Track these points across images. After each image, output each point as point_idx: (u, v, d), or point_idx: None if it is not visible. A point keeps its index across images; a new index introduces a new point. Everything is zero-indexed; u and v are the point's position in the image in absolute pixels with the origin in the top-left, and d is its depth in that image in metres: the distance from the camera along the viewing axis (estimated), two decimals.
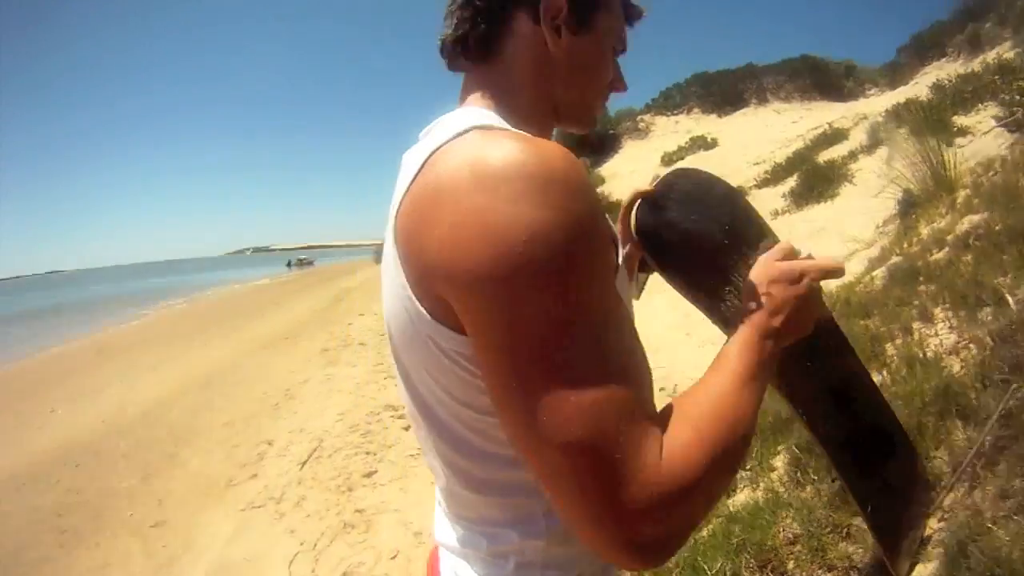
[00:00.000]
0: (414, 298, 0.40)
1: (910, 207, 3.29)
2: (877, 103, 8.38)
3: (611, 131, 13.88)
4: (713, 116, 13.63)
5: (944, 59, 8.48)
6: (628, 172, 11.49)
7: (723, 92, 13.83)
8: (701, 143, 11.45)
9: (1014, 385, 1.15)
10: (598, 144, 13.59)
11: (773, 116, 12.33)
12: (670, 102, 14.70)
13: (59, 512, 3.16)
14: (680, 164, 9.58)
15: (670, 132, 13.47)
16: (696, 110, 14.19)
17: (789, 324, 0.49)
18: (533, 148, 0.37)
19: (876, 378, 1.39)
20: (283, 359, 6.33)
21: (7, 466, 3.96)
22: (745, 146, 9.81)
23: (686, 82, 14.95)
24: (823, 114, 10.59)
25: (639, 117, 14.48)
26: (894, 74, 10.55)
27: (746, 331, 0.48)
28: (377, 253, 14.58)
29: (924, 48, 9.28)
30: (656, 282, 0.74)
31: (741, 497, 1.57)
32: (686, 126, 13.52)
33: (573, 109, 0.52)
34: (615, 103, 13.38)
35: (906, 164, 3.34)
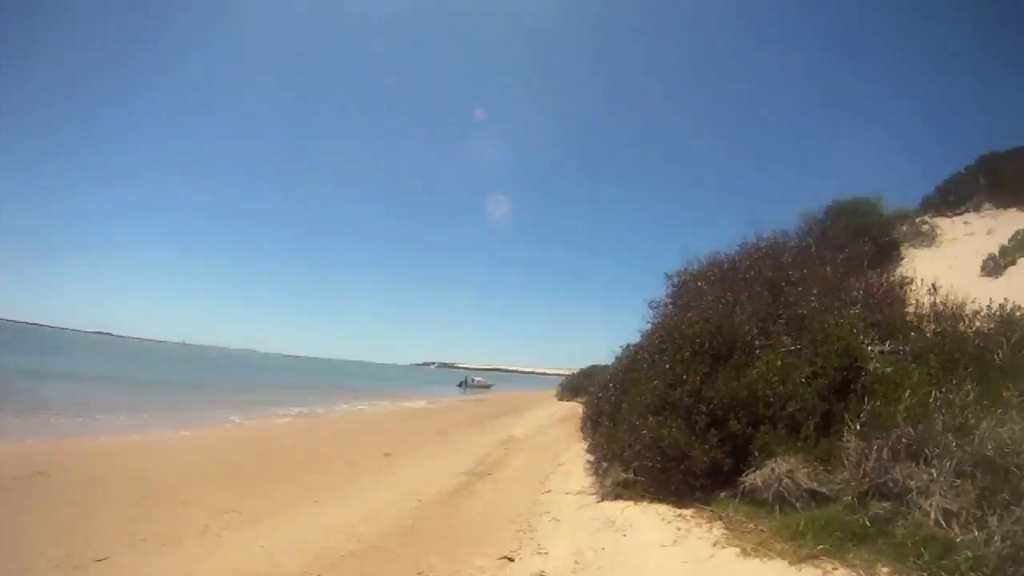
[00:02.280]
0: None
1: None
2: None
3: (884, 239, 17.71)
4: (1013, 210, 17.90)
5: None
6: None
7: (1020, 178, 18.21)
8: None
9: None
10: (876, 251, 17.42)
11: None
12: (951, 198, 19.19)
13: None
14: (1014, 269, 13.47)
15: (961, 235, 17.56)
16: (988, 205, 18.60)
17: None
18: None
19: None
20: None
21: None
22: None
23: (968, 169, 19.61)
24: None
25: (918, 219, 18.60)
26: None
27: None
28: (563, 386, 15.08)
29: None
30: None
31: None
32: (981, 226, 17.69)
33: None
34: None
35: None
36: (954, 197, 19.15)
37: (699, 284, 11.59)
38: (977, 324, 8.07)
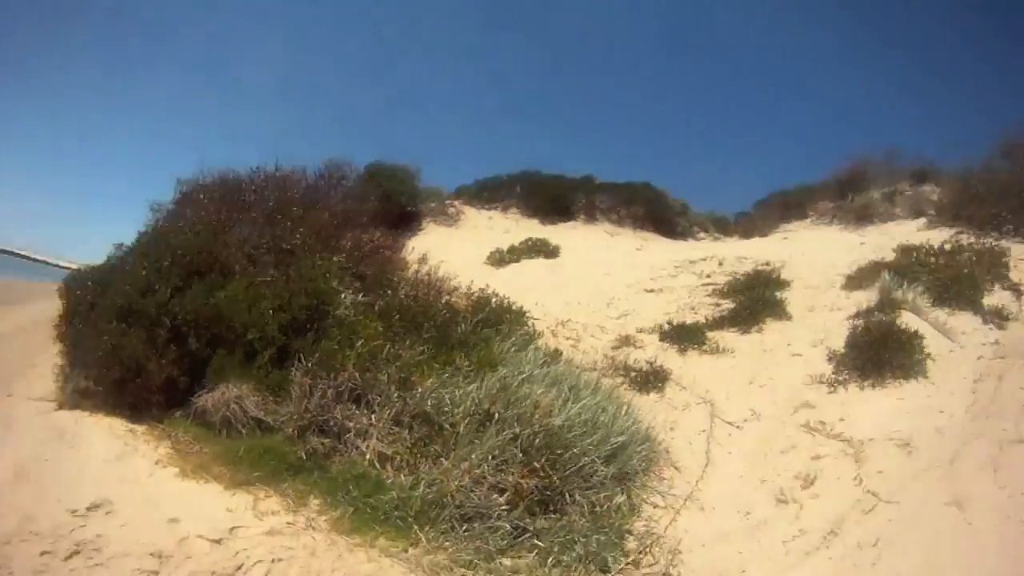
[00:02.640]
0: None
1: None
2: (721, 248, 18.02)
3: (410, 208, 20.74)
4: (535, 222, 22.17)
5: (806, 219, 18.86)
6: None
7: (552, 199, 22.67)
8: (542, 248, 18.84)
9: None
10: (399, 217, 20.01)
11: (606, 237, 21.09)
12: (486, 195, 23.10)
13: None
14: (516, 267, 16.72)
15: (483, 227, 21.35)
16: (514, 210, 22.69)
17: None
18: None
19: None
20: None
21: None
22: (599, 263, 17.52)
23: (509, 177, 23.66)
24: (662, 246, 20.07)
25: (448, 201, 22.17)
26: (748, 225, 21.85)
27: None
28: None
29: (788, 208, 19.87)
30: None
31: None
32: (502, 224, 21.50)
33: None
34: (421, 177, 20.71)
35: None
36: (489, 194, 23.17)
37: (203, 197, 11.73)
38: (454, 299, 9.82)
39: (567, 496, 6.78)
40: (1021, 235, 15.74)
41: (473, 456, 6.68)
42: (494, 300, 10.44)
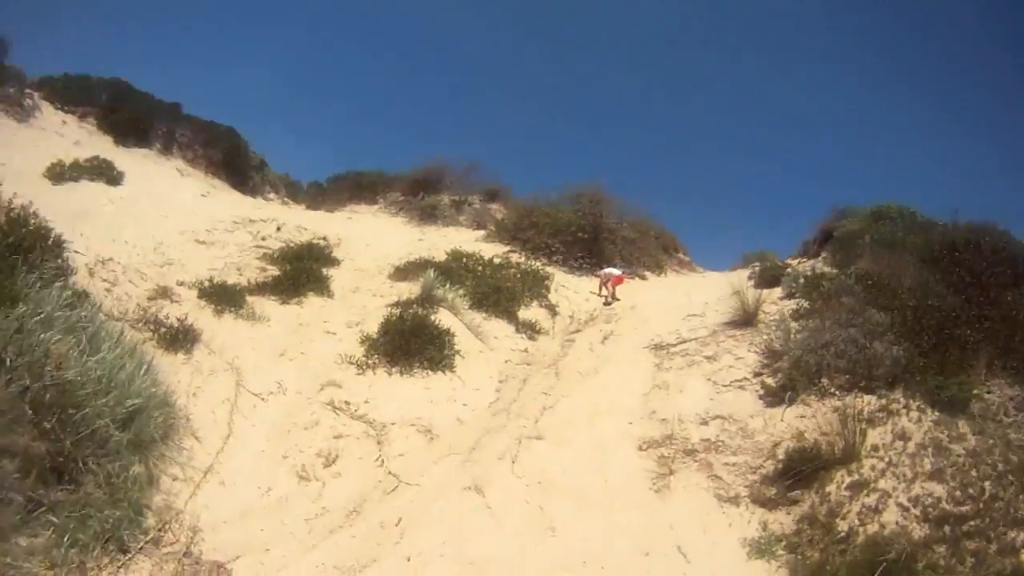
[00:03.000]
0: None
1: None
2: (285, 213, 18.68)
3: None
4: (109, 139, 20.14)
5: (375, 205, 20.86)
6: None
7: (133, 118, 20.75)
8: (106, 171, 17.14)
9: None
10: None
11: (176, 176, 20.04)
12: (71, 95, 20.42)
13: None
14: (74, 186, 15.39)
15: (53, 130, 18.88)
16: (92, 120, 20.36)
17: None
18: None
19: None
20: None
21: None
22: (160, 201, 16.42)
23: (99, 81, 21.30)
24: (229, 197, 19.73)
25: (28, 90, 19.19)
26: (318, 196, 23.10)
27: None
28: None
29: (361, 189, 22.03)
30: None
31: None
32: (74, 133, 19.27)
33: None
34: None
35: None
36: (74, 94, 20.66)
37: None
38: None
39: (80, 464, 6.18)
40: (567, 266, 18.79)
41: None
42: (33, 223, 9.35)
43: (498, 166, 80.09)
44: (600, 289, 17.44)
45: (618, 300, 16.76)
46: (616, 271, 17.48)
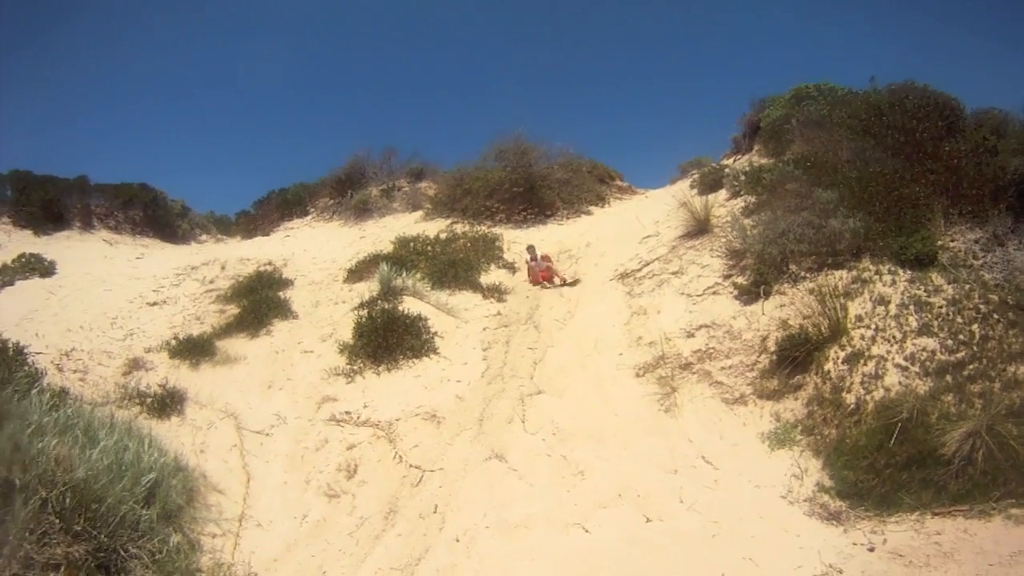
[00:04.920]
0: None
1: None
2: (223, 250, 18.60)
3: None
4: (28, 232, 19.58)
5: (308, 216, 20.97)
6: None
7: (45, 204, 20.20)
8: (36, 266, 16.83)
9: None
10: None
11: (105, 247, 19.64)
12: None
13: None
14: (10, 290, 15.16)
15: None
16: (7, 220, 19.78)
17: None
18: None
19: None
20: None
21: None
22: (99, 278, 16.07)
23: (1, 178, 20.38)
24: (164, 253, 19.62)
25: None
26: (250, 224, 22.85)
27: None
28: None
29: (289, 205, 21.96)
30: None
31: None
32: None
33: None
34: None
35: None
36: None
37: None
38: None
39: (122, 552, 6.29)
40: (512, 222, 18.84)
41: (11, 537, 5.78)
42: None
43: (418, 145, 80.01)
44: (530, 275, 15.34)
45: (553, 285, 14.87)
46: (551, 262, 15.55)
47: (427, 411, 9.89)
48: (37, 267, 16.49)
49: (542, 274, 14.94)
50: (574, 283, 14.50)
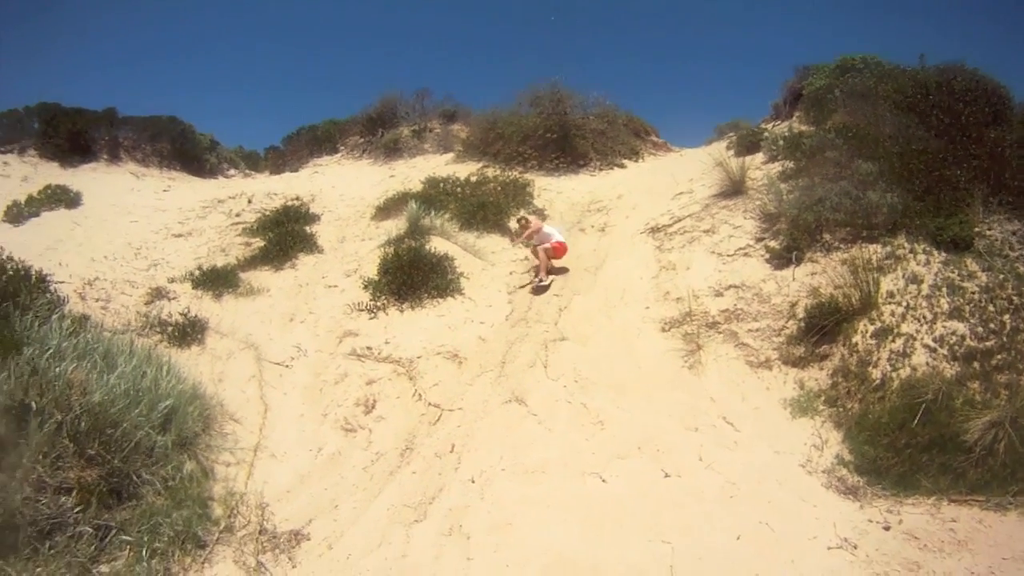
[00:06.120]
0: None
1: None
2: (251, 185, 18.61)
3: None
4: (55, 165, 19.60)
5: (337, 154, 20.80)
6: None
7: (72, 136, 20.16)
8: (63, 197, 16.87)
9: None
10: None
11: (132, 180, 19.64)
12: (1, 134, 19.82)
13: None
14: (37, 221, 15.23)
15: None
16: (33, 152, 19.80)
17: None
18: None
19: None
20: None
21: None
22: (125, 209, 16.34)
23: (27, 110, 20.44)
24: (191, 186, 19.69)
25: None
26: (279, 160, 22.65)
27: None
28: None
29: (319, 142, 21.86)
30: None
31: None
32: (19, 171, 18.73)
33: None
34: None
35: None
36: (4, 133, 19.71)
37: None
38: None
39: (135, 477, 6.35)
40: (544, 169, 18.33)
41: (25, 460, 5.85)
42: (11, 267, 9.26)
43: (452, 87, 78.76)
44: (537, 257, 12.18)
45: (551, 278, 11.99)
46: (554, 233, 12.41)
47: (449, 350, 9.86)
48: (63, 198, 16.54)
49: (555, 247, 12.11)
50: (545, 284, 11.73)
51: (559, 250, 12.13)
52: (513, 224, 13.89)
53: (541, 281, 11.61)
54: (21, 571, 5.34)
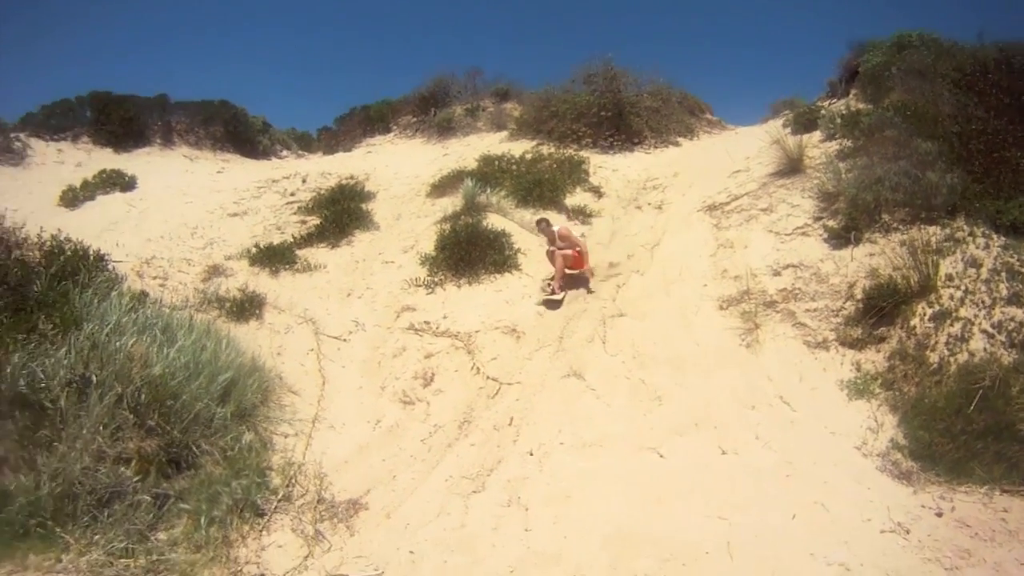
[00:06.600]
0: None
1: None
2: (304, 165, 18.86)
3: None
4: (108, 151, 19.95)
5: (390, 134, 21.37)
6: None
7: (124, 122, 20.53)
8: (118, 180, 17.13)
9: None
10: None
11: (186, 162, 19.87)
12: (54, 122, 20.08)
13: None
14: (92, 204, 15.42)
15: (52, 162, 18.69)
16: (86, 139, 20.14)
17: None
18: None
19: None
20: None
21: None
22: (180, 191, 16.55)
23: (78, 99, 20.72)
24: (244, 167, 19.80)
25: (12, 135, 18.83)
26: (331, 140, 23.04)
27: None
28: None
29: (371, 122, 22.04)
30: None
31: None
32: (74, 157, 19.12)
33: None
34: None
35: None
36: (57, 122, 20.00)
37: None
38: (27, 254, 8.45)
39: (194, 448, 6.38)
40: (599, 147, 18.03)
41: (85, 431, 5.88)
42: (69, 247, 9.33)
43: (503, 66, 78.54)
44: (554, 263, 10.86)
45: (565, 293, 10.70)
46: (575, 238, 11.10)
47: (507, 325, 9.80)
48: (118, 182, 16.89)
49: (574, 255, 10.81)
50: (558, 297, 10.53)
51: (579, 259, 10.85)
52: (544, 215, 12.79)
53: (553, 294, 10.49)
54: (79, 538, 5.36)
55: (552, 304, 10.40)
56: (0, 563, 5.10)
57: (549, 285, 10.68)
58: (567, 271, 10.80)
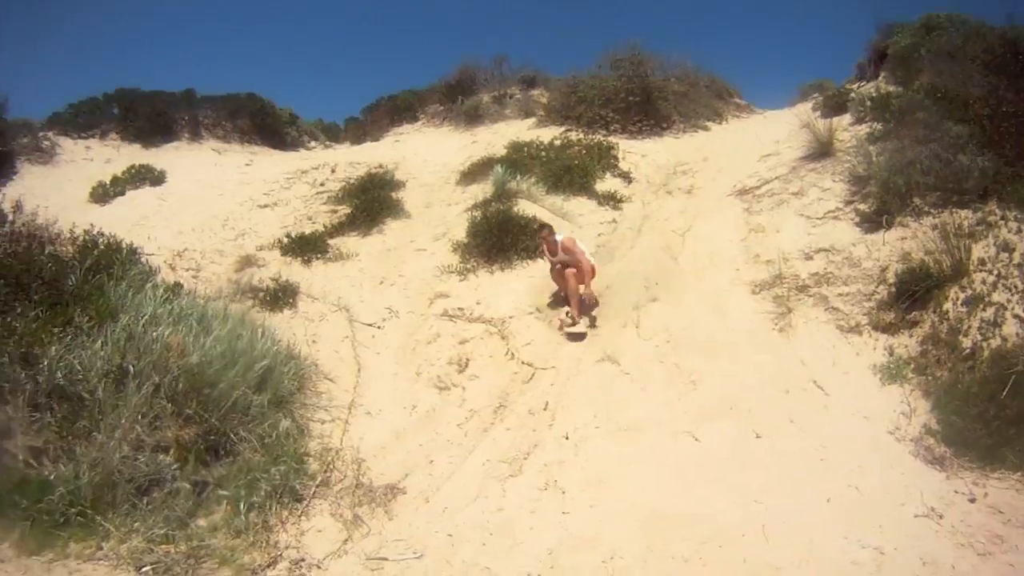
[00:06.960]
0: None
1: None
2: (333, 155, 19.06)
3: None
4: (137, 147, 20.18)
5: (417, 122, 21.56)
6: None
7: (152, 118, 20.74)
8: (147, 175, 17.29)
9: None
10: None
11: (214, 156, 20.01)
12: (82, 120, 20.37)
13: None
14: (122, 200, 15.55)
15: (82, 159, 18.93)
16: (114, 135, 20.40)
17: None
18: None
19: None
20: None
21: None
22: (209, 184, 16.61)
23: (106, 96, 21.03)
24: (273, 159, 19.93)
25: (41, 134, 19.05)
26: (359, 130, 23.21)
27: None
28: None
29: (398, 111, 22.18)
30: None
31: None
32: (102, 153, 19.35)
33: None
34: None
35: None
36: (85, 120, 20.30)
37: None
38: (61, 249, 8.51)
39: (232, 435, 6.45)
40: (627, 132, 18.05)
41: (123, 420, 5.93)
42: (102, 241, 9.41)
43: (530, 53, 78.41)
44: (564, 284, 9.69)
45: (585, 320, 9.51)
46: (585, 250, 9.86)
47: (540, 310, 9.83)
48: (147, 176, 17.04)
49: (589, 274, 9.54)
50: (577, 327, 9.31)
51: (589, 275, 9.53)
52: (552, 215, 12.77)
53: (574, 325, 9.26)
54: (119, 526, 5.40)
55: (575, 337, 9.17)
56: (41, 552, 5.13)
57: (568, 314, 9.35)
58: (581, 288, 9.41)
